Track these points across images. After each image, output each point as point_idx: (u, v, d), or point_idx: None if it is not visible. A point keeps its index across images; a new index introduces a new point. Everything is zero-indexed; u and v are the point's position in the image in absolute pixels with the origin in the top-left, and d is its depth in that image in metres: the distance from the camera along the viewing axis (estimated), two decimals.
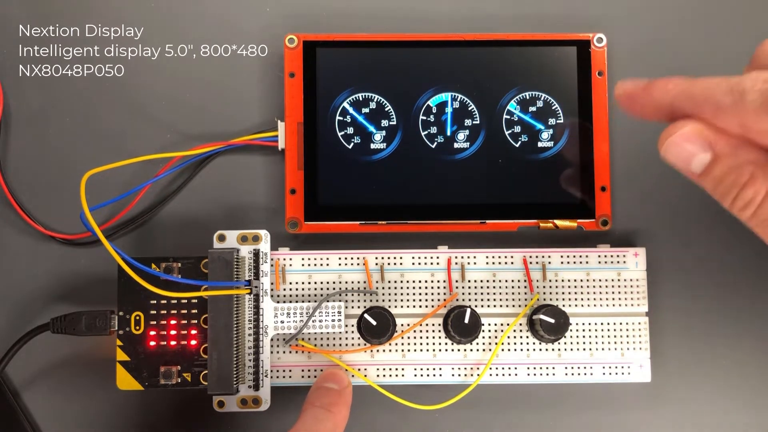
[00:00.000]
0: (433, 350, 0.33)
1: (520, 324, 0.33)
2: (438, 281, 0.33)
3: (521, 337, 0.33)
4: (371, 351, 0.33)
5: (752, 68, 0.23)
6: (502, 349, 0.33)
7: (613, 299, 0.33)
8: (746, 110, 0.21)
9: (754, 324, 0.36)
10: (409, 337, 0.33)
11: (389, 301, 0.33)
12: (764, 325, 0.36)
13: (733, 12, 0.37)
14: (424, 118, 0.35)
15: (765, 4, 0.38)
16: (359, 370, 0.33)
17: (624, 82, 0.25)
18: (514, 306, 0.33)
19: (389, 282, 0.33)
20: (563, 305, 0.33)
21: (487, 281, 0.33)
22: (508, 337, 0.33)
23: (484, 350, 0.33)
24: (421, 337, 0.33)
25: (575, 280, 0.33)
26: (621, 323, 0.33)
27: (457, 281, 0.33)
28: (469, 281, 0.33)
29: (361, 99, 0.35)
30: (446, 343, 0.33)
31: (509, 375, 0.33)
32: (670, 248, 0.36)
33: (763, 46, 0.24)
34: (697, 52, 0.37)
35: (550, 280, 0.33)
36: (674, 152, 0.23)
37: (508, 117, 0.35)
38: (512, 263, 0.34)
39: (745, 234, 0.36)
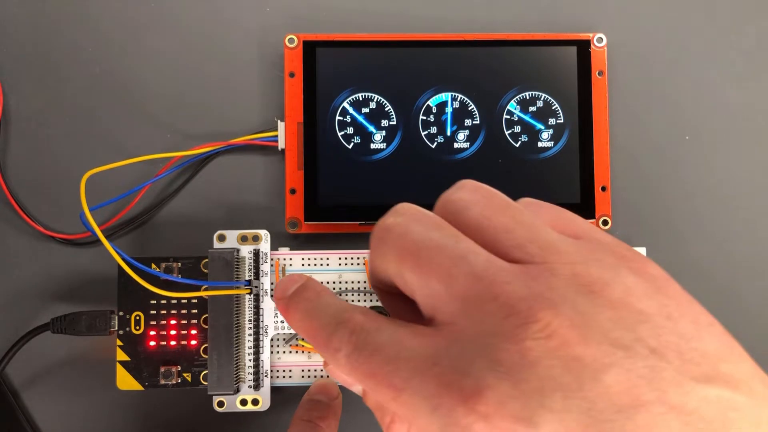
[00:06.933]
0: None
1: None
2: None
3: None
4: None
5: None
6: None
7: None
8: (338, 366, 0.17)
9: (754, 323, 0.36)
10: None
11: None
12: (764, 324, 0.36)
13: (732, 12, 0.37)
14: (424, 118, 0.35)
15: (765, 4, 0.38)
16: None
17: (281, 286, 0.19)
18: None
19: None
20: None
21: None
22: None
23: None
24: None
25: None
26: None
27: None
28: None
29: (361, 99, 0.35)
30: None
31: None
32: (670, 248, 0.36)
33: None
34: (697, 51, 0.37)
35: None
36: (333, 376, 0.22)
37: (508, 117, 0.35)
38: None
39: (744, 234, 0.36)
